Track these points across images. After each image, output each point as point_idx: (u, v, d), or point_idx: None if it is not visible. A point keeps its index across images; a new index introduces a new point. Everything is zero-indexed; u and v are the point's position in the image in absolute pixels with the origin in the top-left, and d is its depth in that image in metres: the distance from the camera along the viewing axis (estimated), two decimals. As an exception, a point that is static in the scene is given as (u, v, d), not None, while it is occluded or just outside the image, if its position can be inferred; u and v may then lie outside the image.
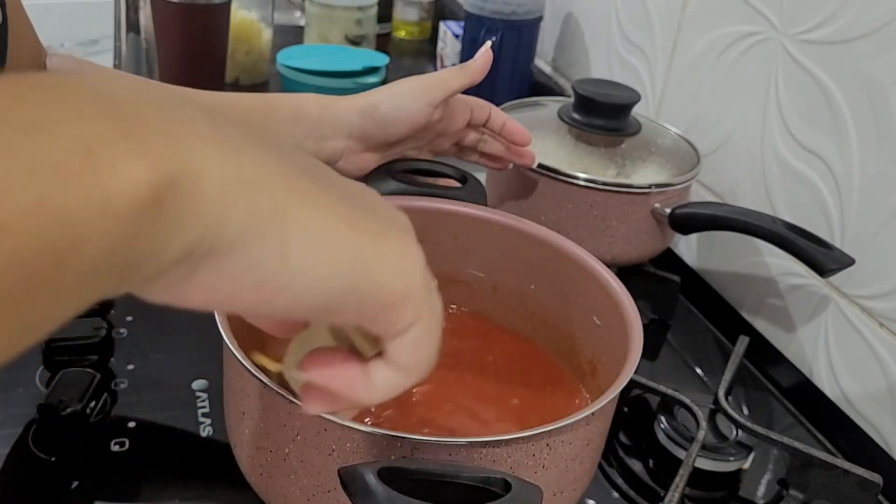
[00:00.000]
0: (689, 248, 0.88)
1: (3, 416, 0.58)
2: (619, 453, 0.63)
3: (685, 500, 0.60)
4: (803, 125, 0.73)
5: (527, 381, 0.61)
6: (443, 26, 1.26)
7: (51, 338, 0.62)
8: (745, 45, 0.80)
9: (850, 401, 0.69)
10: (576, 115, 0.80)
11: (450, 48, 1.24)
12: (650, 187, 0.74)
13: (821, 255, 0.66)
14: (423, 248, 0.31)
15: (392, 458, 0.42)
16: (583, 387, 0.60)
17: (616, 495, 0.60)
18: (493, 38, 1.08)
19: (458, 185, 0.65)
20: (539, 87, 1.15)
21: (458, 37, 1.22)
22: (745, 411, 0.70)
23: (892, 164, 0.65)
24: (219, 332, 0.46)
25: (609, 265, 0.58)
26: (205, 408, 0.60)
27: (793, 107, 0.74)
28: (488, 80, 0.67)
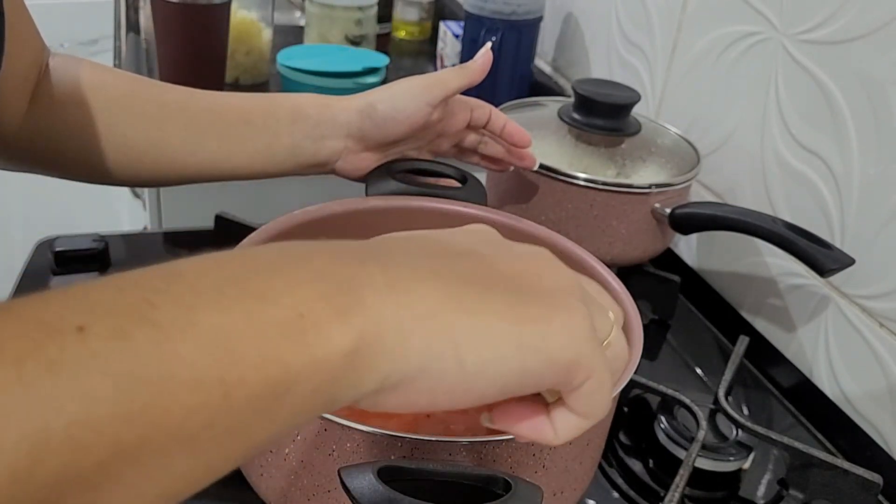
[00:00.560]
0: (689, 248, 0.88)
1: (3, 416, 0.57)
2: (619, 453, 0.63)
3: (685, 500, 0.60)
4: (803, 125, 0.73)
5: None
6: (443, 26, 1.26)
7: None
8: (745, 45, 0.80)
9: (850, 401, 0.69)
10: (576, 115, 0.80)
11: (450, 48, 1.24)
12: (650, 187, 0.74)
13: (821, 255, 0.66)
14: None
15: (392, 458, 0.42)
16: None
17: (616, 495, 0.60)
18: (493, 38, 1.08)
19: (458, 185, 0.65)
20: (539, 87, 1.15)
21: (458, 37, 1.21)
22: (745, 411, 0.70)
23: (892, 164, 0.65)
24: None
25: (609, 265, 0.58)
26: (205, 408, 0.60)
27: (793, 107, 0.74)
28: (488, 80, 0.67)
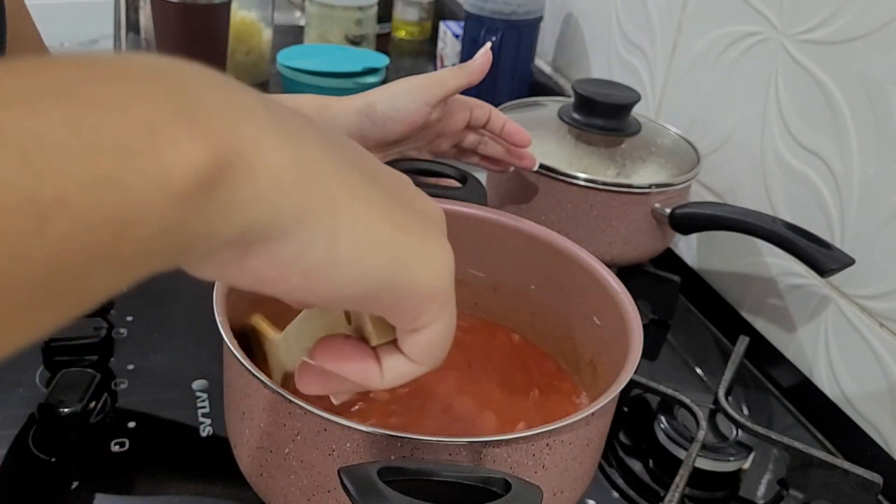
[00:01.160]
0: (689, 248, 0.88)
1: (3, 416, 0.58)
2: (619, 453, 0.63)
3: (685, 500, 0.60)
4: (803, 125, 0.73)
5: (527, 381, 0.61)
6: (443, 26, 1.26)
7: (51, 338, 0.62)
8: (745, 45, 0.80)
9: (850, 401, 0.69)
10: (576, 115, 0.80)
11: (450, 48, 1.24)
12: (650, 187, 0.74)
13: (821, 255, 0.66)
14: None
15: (392, 458, 0.42)
16: (583, 387, 0.60)
17: (616, 495, 0.60)
18: (493, 38, 1.08)
19: (458, 185, 0.65)
20: (539, 87, 1.15)
21: (458, 37, 1.21)
22: (745, 411, 0.70)
23: (892, 164, 0.65)
24: (219, 332, 0.46)
25: (609, 265, 0.58)
26: (205, 408, 0.60)
27: (793, 107, 0.74)
28: (488, 80, 0.67)
